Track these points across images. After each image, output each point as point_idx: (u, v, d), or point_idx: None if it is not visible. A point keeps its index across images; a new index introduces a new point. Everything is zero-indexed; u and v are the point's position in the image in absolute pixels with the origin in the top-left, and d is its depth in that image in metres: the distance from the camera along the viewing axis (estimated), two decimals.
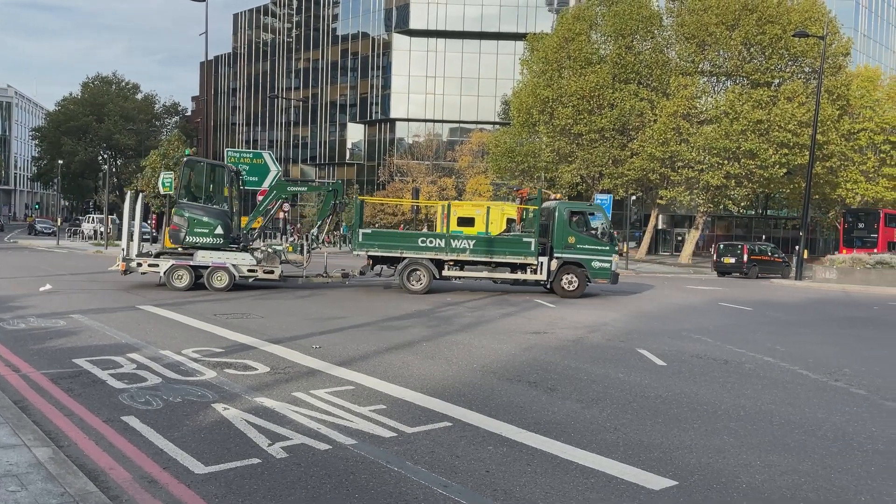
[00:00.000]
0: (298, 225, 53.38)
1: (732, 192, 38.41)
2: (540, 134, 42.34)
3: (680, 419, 6.25)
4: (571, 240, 18.00)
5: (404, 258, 17.56)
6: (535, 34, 46.18)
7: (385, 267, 18.12)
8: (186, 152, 20.12)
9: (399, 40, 69.46)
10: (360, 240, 17.66)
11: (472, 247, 17.68)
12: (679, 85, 37.64)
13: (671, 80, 38.35)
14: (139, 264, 16.17)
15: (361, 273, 18.20)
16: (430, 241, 17.81)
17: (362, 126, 73.73)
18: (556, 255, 17.87)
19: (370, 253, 17.66)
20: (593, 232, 18.34)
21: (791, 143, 35.97)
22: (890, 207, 42.97)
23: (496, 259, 17.67)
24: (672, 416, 6.33)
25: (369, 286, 18.35)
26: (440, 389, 7.00)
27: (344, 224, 18.53)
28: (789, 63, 38.90)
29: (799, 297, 21.09)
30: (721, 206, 41.67)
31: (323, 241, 19.16)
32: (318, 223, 18.56)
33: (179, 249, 16.81)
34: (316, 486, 4.42)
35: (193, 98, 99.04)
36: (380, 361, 8.33)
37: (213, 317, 11.61)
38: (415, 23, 68.11)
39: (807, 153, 32.15)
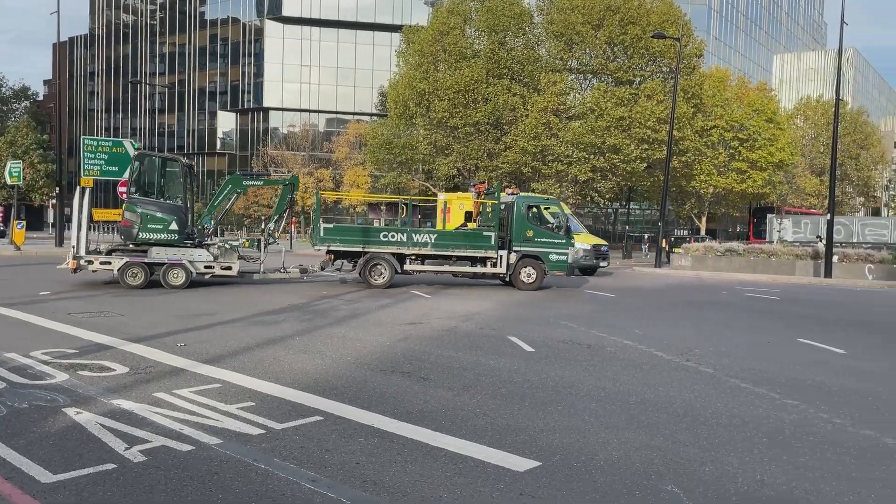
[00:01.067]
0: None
1: (599, 185, 40.28)
2: (417, 126, 42.57)
3: (545, 402, 6.50)
4: (530, 233, 18.32)
5: (366, 253, 17.51)
6: (410, 26, 46.34)
7: (345, 262, 17.91)
8: (136, 146, 19.23)
9: (272, 27, 67.58)
10: (322, 234, 17.56)
11: (433, 241, 17.82)
12: (549, 81, 38.95)
13: (542, 76, 39.61)
14: (90, 262, 15.67)
15: (321, 268, 18.01)
16: (392, 236, 17.85)
17: (234, 115, 71.29)
18: (514, 248, 18.14)
19: (331, 248, 17.53)
20: (550, 226, 18.69)
21: (651, 139, 38.19)
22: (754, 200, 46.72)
23: (457, 253, 17.85)
24: (538, 400, 6.57)
25: (316, 283, 17.65)
26: (312, 384, 6.91)
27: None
28: (649, 63, 41.24)
29: (658, 283, 22.47)
30: (589, 199, 43.61)
31: (277, 237, 18.80)
32: (276, 217, 18.27)
33: (130, 246, 16.13)
34: (177, 488, 4.25)
35: (46, 82, 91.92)
36: (249, 357, 8.11)
37: (67, 316, 10.87)
38: (288, 10, 66.51)
39: (665, 148, 34.22)
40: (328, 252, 17.57)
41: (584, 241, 23.86)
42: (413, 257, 17.83)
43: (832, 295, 20.74)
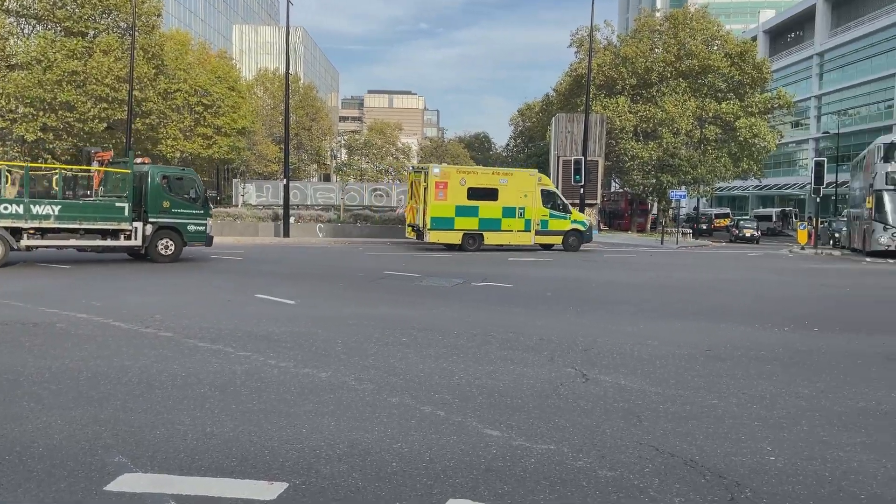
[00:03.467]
0: None
1: (53, 146, 36.12)
2: None
3: None
4: (166, 204, 18.06)
5: None
6: None
7: None
8: None
9: None
10: None
11: (57, 213, 16.39)
12: None
13: None
14: None
15: None
16: (5, 208, 15.89)
17: None
18: (150, 219, 17.75)
19: None
20: (187, 197, 18.51)
21: (110, 98, 35.74)
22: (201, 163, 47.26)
23: (86, 226, 16.75)
24: None
25: None
26: None
27: None
28: (103, 15, 38.31)
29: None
30: (42, 161, 38.75)
31: None
32: None
33: None
34: None
35: None
36: None
37: None
38: None
39: (126, 109, 32.47)
40: None
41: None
42: (32, 231, 16.22)
43: (290, 252, 22.90)
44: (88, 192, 19.36)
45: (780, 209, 64.88)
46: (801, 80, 74.45)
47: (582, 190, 35.06)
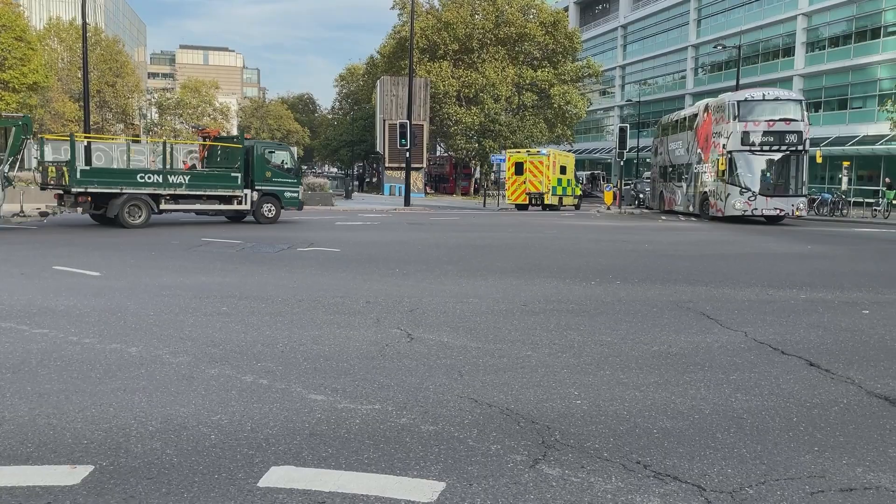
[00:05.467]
0: None
1: None
2: None
3: None
4: (268, 174, 21.24)
5: (124, 194, 18.52)
6: None
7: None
8: None
9: None
10: (79, 177, 18.08)
11: (187, 182, 19.54)
12: None
13: None
14: None
15: (54, 213, 19.62)
16: (149, 177, 19.14)
17: None
18: (256, 187, 20.92)
19: (90, 190, 18.21)
20: (284, 167, 21.81)
21: None
22: None
23: (208, 193, 19.97)
24: None
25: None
26: None
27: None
28: None
29: None
30: None
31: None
32: (10, 160, 18.02)
33: None
34: None
35: None
36: None
37: None
38: None
39: None
40: (82, 195, 18.14)
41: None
42: (168, 197, 19.27)
43: (90, 219, 21.08)
44: (195, 165, 22.29)
45: (589, 172, 69.50)
46: (607, 50, 79.57)
47: (408, 154, 35.38)
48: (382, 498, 3.35)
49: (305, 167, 51.80)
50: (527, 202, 35.72)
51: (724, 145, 27.67)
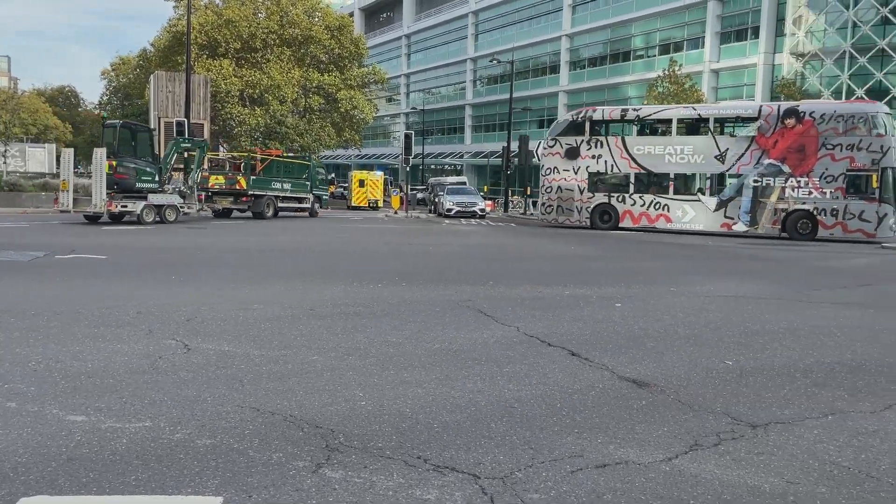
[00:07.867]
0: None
1: None
2: None
3: None
4: (318, 183, 33.98)
5: (264, 195, 28.71)
6: None
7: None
8: (105, 116, 32.58)
9: None
10: (251, 183, 28.12)
11: (289, 188, 30.75)
12: None
13: None
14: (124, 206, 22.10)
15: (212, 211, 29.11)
16: (275, 185, 29.63)
17: None
18: (314, 192, 32.93)
19: (252, 192, 28.14)
20: (323, 177, 36.37)
21: None
22: None
23: (297, 195, 31.48)
24: None
25: None
26: None
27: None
28: None
29: None
30: None
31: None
32: (198, 171, 25.48)
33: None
34: None
35: None
36: None
37: None
38: None
39: None
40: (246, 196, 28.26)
41: None
42: (280, 199, 29.94)
43: None
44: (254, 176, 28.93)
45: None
46: (393, 58, 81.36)
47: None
48: None
49: (332, 175, 61.94)
50: (367, 206, 46.42)
51: (874, 160, 24.12)
